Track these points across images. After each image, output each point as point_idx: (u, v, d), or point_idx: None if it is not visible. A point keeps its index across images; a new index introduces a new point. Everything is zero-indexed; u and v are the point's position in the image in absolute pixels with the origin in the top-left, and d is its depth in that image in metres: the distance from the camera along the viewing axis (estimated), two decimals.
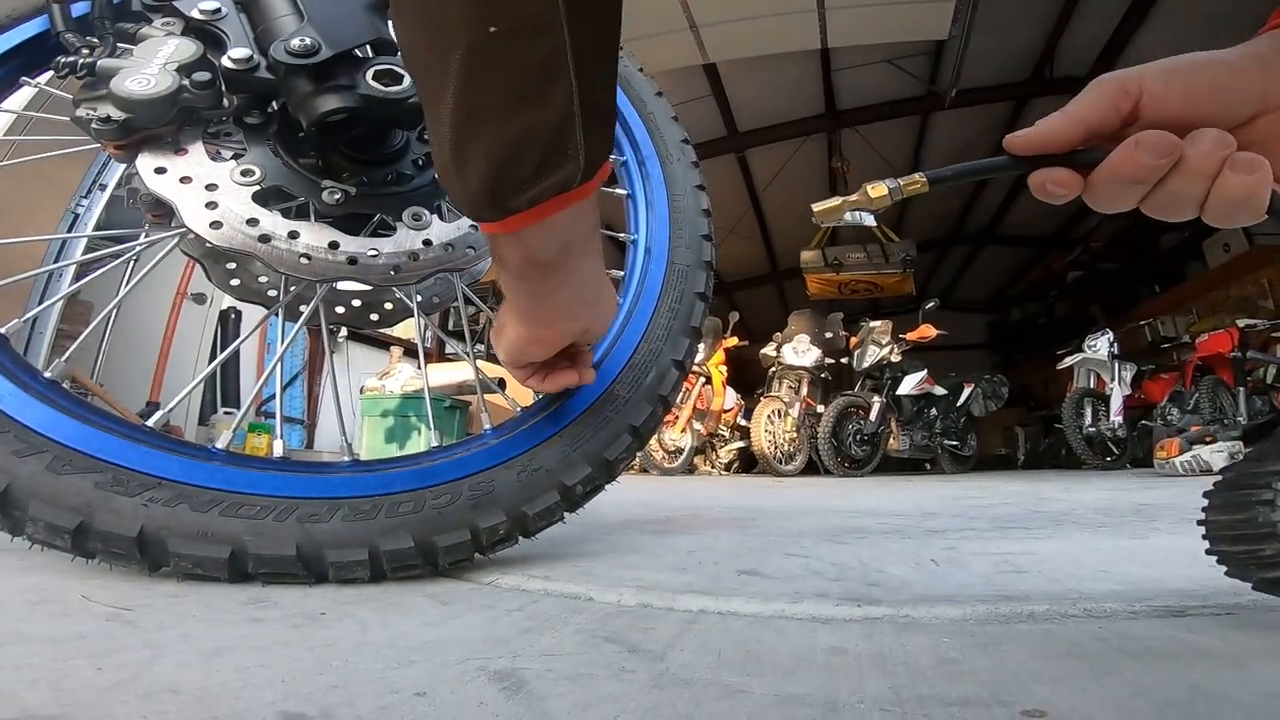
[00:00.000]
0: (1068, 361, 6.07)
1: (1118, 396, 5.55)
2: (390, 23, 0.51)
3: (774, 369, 6.52)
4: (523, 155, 0.53)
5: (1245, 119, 0.44)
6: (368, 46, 0.87)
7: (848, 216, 0.48)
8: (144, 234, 0.98)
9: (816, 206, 0.49)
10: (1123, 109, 0.44)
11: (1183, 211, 0.45)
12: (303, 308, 1.13)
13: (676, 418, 5.86)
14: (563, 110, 0.51)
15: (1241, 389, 4.92)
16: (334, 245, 0.84)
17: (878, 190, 0.47)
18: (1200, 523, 0.48)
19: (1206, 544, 0.48)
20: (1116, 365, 5.70)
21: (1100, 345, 5.83)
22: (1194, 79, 0.44)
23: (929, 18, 5.65)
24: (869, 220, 0.48)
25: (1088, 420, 5.56)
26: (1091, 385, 5.84)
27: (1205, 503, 0.47)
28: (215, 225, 0.80)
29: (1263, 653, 0.49)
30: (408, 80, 0.85)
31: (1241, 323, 5.18)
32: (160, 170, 0.82)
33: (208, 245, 0.83)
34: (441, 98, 0.51)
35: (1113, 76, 0.44)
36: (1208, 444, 3.88)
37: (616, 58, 0.55)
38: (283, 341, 1.01)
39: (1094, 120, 0.43)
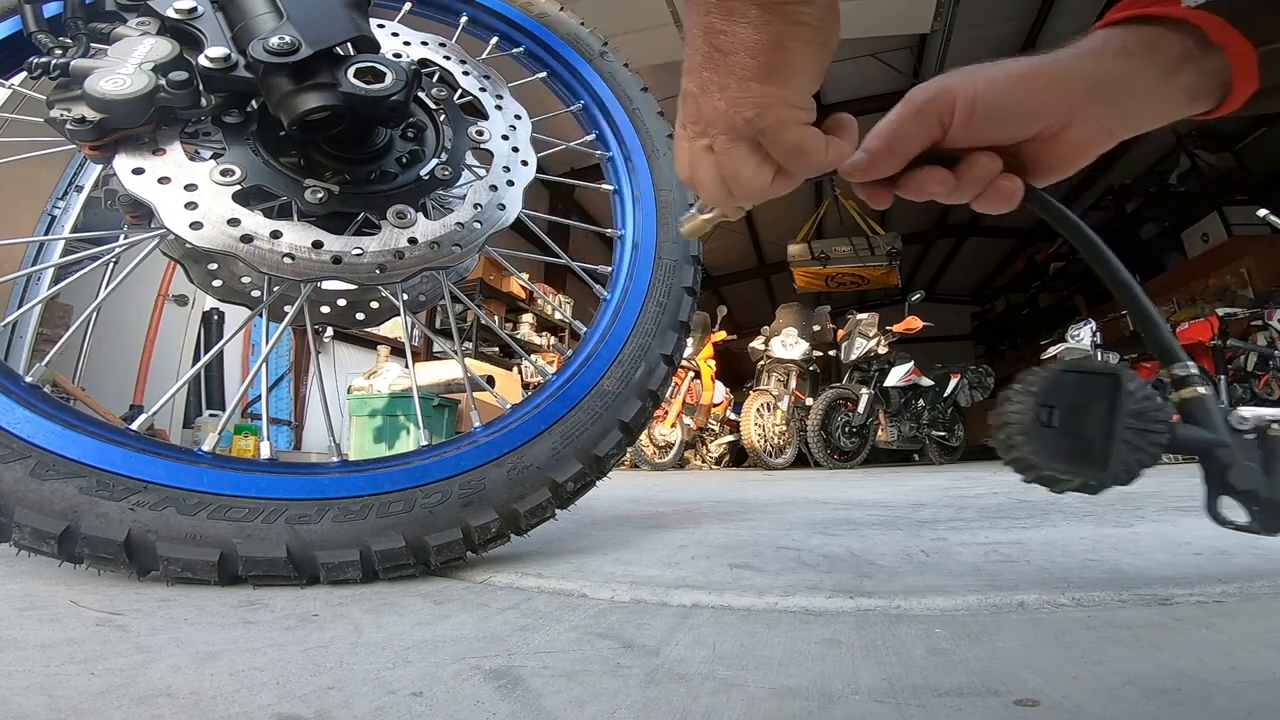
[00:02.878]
0: (1051, 351, 6.12)
1: None
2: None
3: (762, 362, 6.54)
4: None
5: (1031, 135, 0.52)
6: (348, 44, 0.86)
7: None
8: (123, 235, 0.97)
9: (683, 228, 0.58)
10: (935, 135, 0.51)
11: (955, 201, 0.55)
12: (287, 308, 1.12)
13: (666, 412, 5.86)
14: None
15: (1222, 377, 4.99)
16: (318, 244, 0.83)
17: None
18: None
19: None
20: (1100, 355, 5.76)
21: (1083, 335, 5.89)
22: (997, 109, 0.50)
23: (912, 11, 5.67)
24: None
25: None
26: None
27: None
28: (196, 226, 0.79)
29: (1249, 640, 0.50)
30: (390, 78, 0.84)
31: (1221, 311, 5.25)
32: (138, 171, 0.81)
33: (188, 246, 0.82)
34: None
35: (930, 105, 0.50)
36: None
37: None
38: (267, 342, 1.00)
39: (913, 148, 0.51)
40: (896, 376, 6.20)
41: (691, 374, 6.22)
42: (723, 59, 0.46)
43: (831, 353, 6.82)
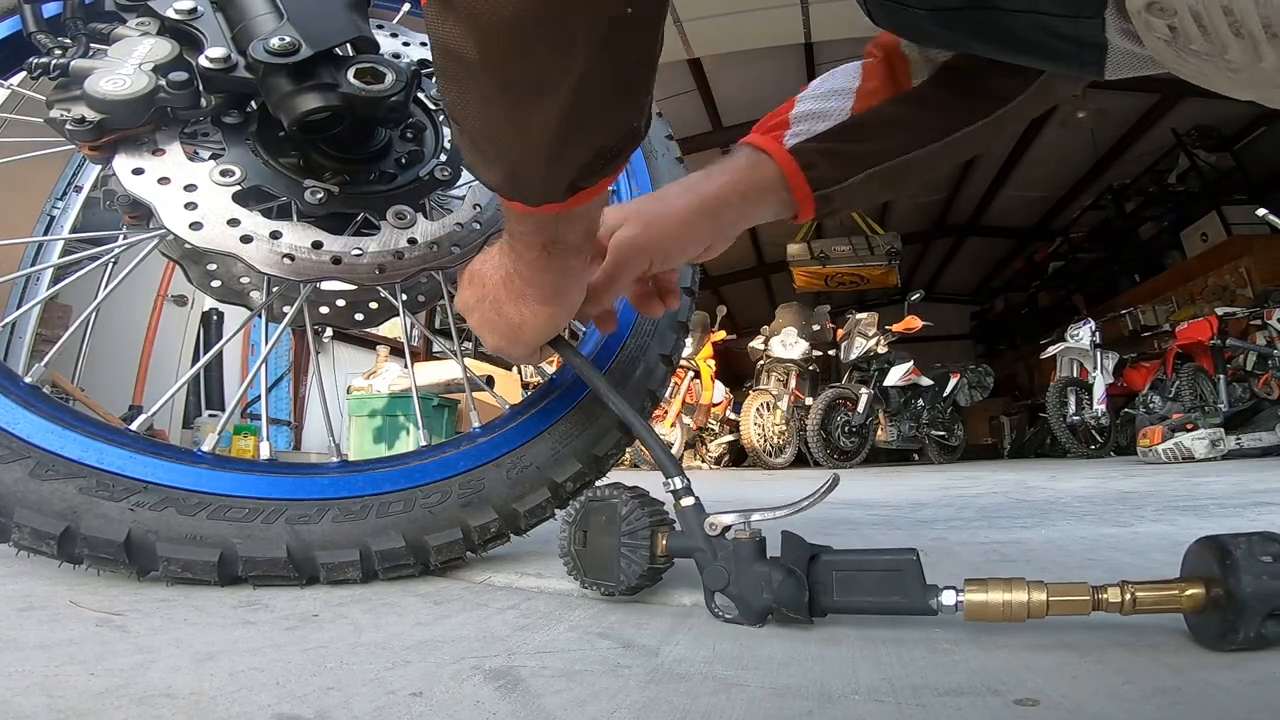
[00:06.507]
0: (1051, 351, 6.13)
1: (1100, 385, 5.62)
2: (436, 20, 0.45)
3: (762, 362, 6.54)
4: (622, 141, 0.52)
5: (694, 255, 0.72)
6: (348, 45, 0.86)
7: None
8: (122, 236, 0.97)
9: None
10: (639, 271, 0.68)
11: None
12: (286, 308, 1.11)
13: (665, 412, 5.86)
14: (650, 90, 0.51)
15: (1222, 376, 4.99)
16: (317, 245, 0.83)
17: None
18: None
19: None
20: (1099, 354, 5.76)
21: (1083, 334, 5.89)
22: (675, 254, 0.69)
23: None
24: None
25: (1071, 409, 5.61)
26: (1074, 374, 5.90)
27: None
28: (195, 226, 0.79)
29: None
30: (390, 78, 0.84)
31: (1220, 311, 5.25)
32: (138, 171, 0.81)
33: (188, 246, 0.82)
34: (555, 90, 0.45)
35: (625, 251, 0.67)
36: (1189, 431, 3.93)
37: None
38: (267, 343, 1.00)
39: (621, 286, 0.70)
40: (896, 376, 6.20)
41: (691, 374, 6.22)
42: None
43: (831, 352, 6.82)
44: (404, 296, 1.12)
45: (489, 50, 0.44)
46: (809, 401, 6.08)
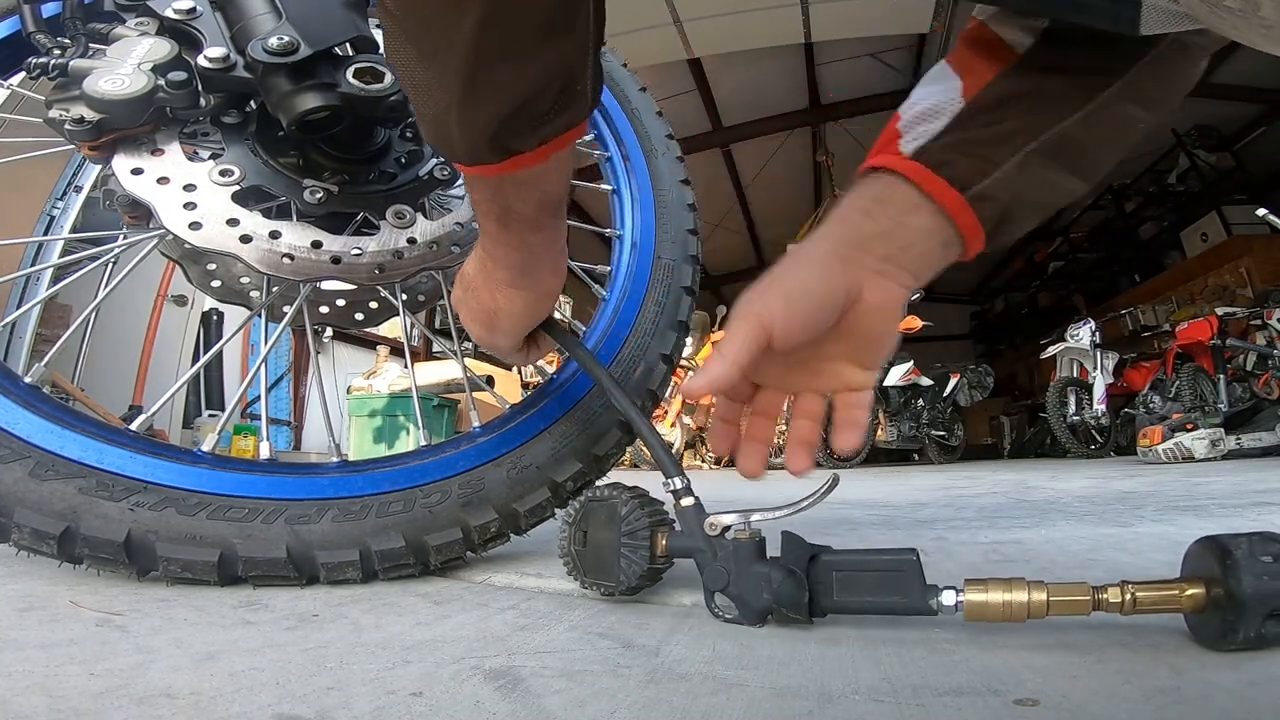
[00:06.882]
0: (1051, 351, 6.13)
1: (1100, 385, 5.62)
2: (370, 19, 0.47)
3: None
4: (542, 94, 0.49)
5: (835, 322, 0.55)
6: (347, 44, 0.86)
7: None
8: (122, 236, 0.97)
9: None
10: (760, 346, 0.53)
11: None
12: (286, 308, 1.11)
13: (665, 412, 5.86)
14: (582, 43, 0.49)
15: (1221, 376, 4.99)
16: (317, 245, 0.83)
17: None
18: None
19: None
20: (1099, 354, 5.76)
21: (1082, 334, 5.89)
22: (805, 308, 0.54)
23: (910, 11, 5.67)
24: None
25: (1071, 409, 5.61)
26: (1074, 374, 5.90)
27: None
28: (195, 226, 0.79)
29: None
30: (389, 78, 0.84)
31: (1220, 311, 5.25)
32: (137, 171, 0.81)
33: (187, 246, 0.82)
34: (453, 37, 0.46)
35: (754, 321, 0.53)
36: (1189, 431, 3.93)
37: None
38: (267, 342, 1.00)
39: (746, 363, 0.52)
40: (895, 376, 6.20)
41: (691, 373, 6.22)
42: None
43: None
44: (404, 296, 1.12)
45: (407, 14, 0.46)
46: None
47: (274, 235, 0.82)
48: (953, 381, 6.63)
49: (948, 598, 0.50)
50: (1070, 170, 0.57)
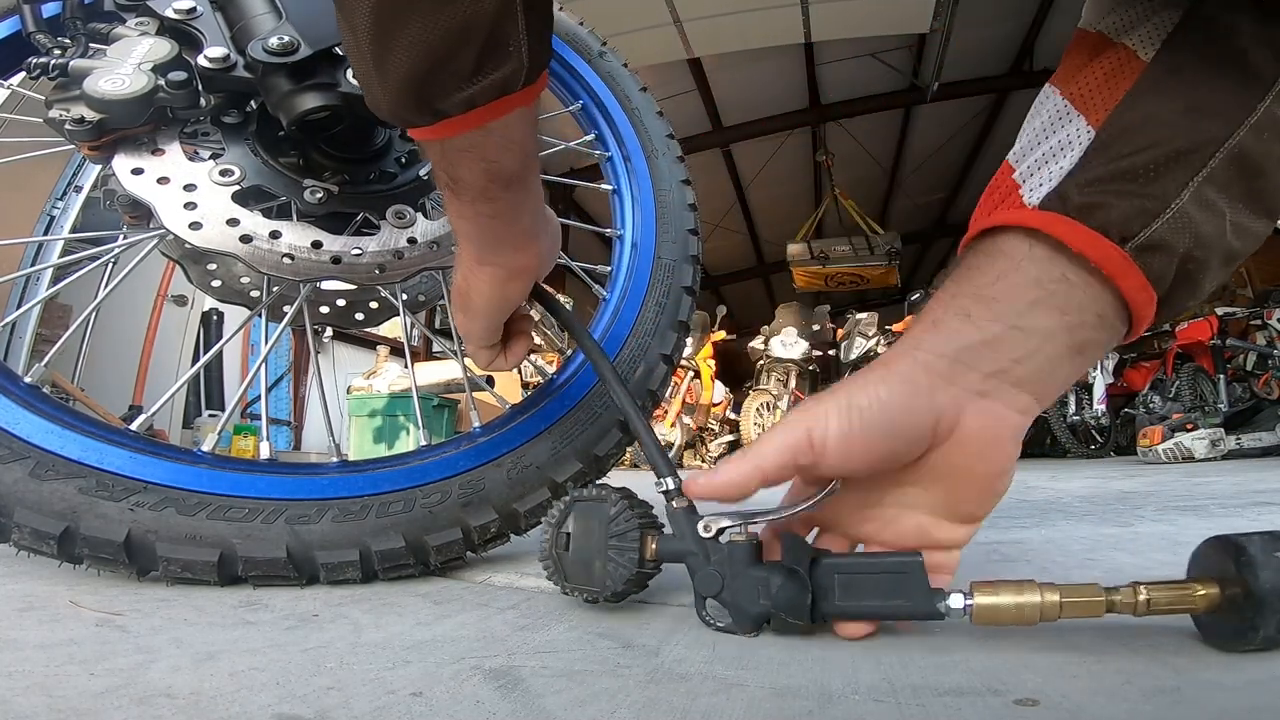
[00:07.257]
0: None
1: (1100, 385, 5.62)
2: None
3: (762, 362, 6.54)
4: (458, 48, 0.46)
5: (917, 456, 0.45)
6: None
7: None
8: (122, 236, 0.97)
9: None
10: (801, 463, 0.46)
11: None
12: (286, 308, 1.11)
13: (665, 412, 5.86)
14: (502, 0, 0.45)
15: (1221, 376, 4.99)
16: (317, 245, 0.83)
17: None
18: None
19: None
20: None
21: None
22: (870, 429, 0.44)
23: (910, 11, 5.68)
24: None
25: (1071, 409, 5.61)
26: None
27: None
28: (195, 226, 0.79)
29: None
30: None
31: (1220, 311, 5.25)
32: (137, 171, 0.80)
33: (187, 246, 0.82)
34: None
35: (800, 429, 0.46)
36: (1189, 431, 3.94)
37: None
38: (267, 342, 1.00)
39: (773, 475, 0.47)
40: None
41: (691, 374, 6.23)
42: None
43: (831, 352, 6.82)
44: (404, 296, 1.12)
45: None
46: None
47: (274, 235, 0.82)
48: None
49: (956, 601, 0.48)
50: (1251, 204, 0.44)
